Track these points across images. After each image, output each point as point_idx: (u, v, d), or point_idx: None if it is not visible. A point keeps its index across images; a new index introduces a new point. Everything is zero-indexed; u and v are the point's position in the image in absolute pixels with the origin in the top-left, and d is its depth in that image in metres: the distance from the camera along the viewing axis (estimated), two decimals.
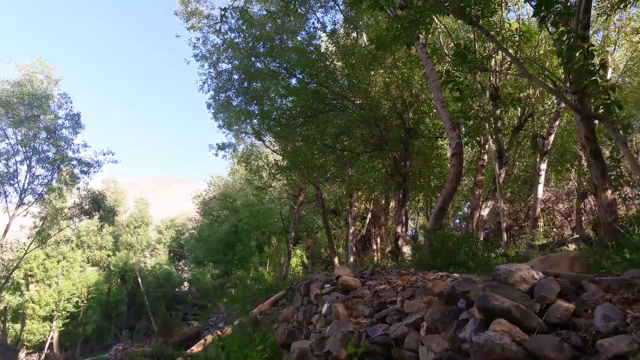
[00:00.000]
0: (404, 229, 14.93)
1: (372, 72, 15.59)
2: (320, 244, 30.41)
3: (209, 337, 10.43)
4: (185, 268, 51.45)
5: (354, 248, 20.60)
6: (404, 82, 15.10)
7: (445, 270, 7.37)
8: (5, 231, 26.59)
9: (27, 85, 26.88)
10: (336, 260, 21.29)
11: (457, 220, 23.57)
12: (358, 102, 15.84)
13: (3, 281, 27.89)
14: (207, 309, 24.12)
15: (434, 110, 14.86)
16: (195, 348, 11.67)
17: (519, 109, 15.81)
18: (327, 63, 16.73)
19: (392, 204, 21.56)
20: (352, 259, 19.29)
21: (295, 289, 8.59)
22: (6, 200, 27.06)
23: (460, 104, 12.29)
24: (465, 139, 14.44)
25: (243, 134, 26.55)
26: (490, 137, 14.24)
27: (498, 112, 14.62)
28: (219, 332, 9.04)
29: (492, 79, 14.66)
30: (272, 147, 26.15)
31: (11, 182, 27.20)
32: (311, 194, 24.07)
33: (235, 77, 19.94)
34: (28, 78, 27.22)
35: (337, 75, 16.97)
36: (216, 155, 26.06)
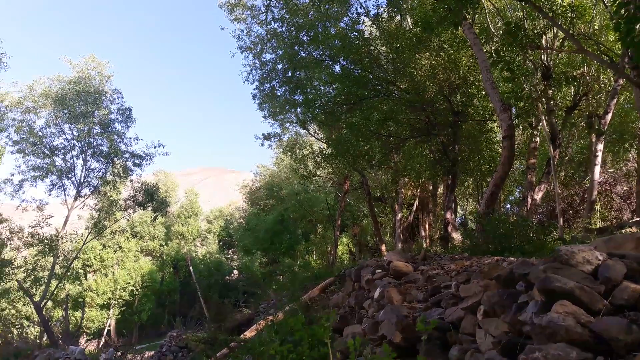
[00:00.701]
0: (453, 215, 14.68)
1: (418, 56, 15.30)
2: (366, 231, 30.37)
3: (262, 322, 10.67)
4: (235, 256, 52.56)
5: (401, 235, 20.45)
6: (450, 64, 14.73)
7: (499, 255, 7.22)
8: (65, 223, 27.85)
9: (82, 82, 27.94)
10: (383, 247, 21.21)
11: (509, 205, 22.98)
12: (403, 86, 15.62)
13: (64, 271, 29.27)
14: (257, 296, 24.63)
15: (483, 92, 14.47)
16: (248, 333, 11.97)
17: (572, 88, 15.18)
18: (371, 48, 16.56)
19: (440, 189, 21.23)
20: (399, 246, 19.18)
21: (346, 275, 8.65)
22: (64, 194, 28.33)
23: (510, 84, 11.92)
24: (517, 121, 14.00)
25: (288, 124, 26.76)
26: (544, 118, 13.75)
27: (550, 92, 14.08)
28: (272, 317, 9.23)
29: (543, 57, 14.12)
30: (316, 135, 26.24)
31: (69, 176, 28.43)
32: (356, 182, 24.03)
33: (279, 66, 20.06)
34: (82, 75, 28.27)
35: (382, 60, 16.77)
36: (262, 145, 26.48)
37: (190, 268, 44.20)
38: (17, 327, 27.30)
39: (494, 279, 4.46)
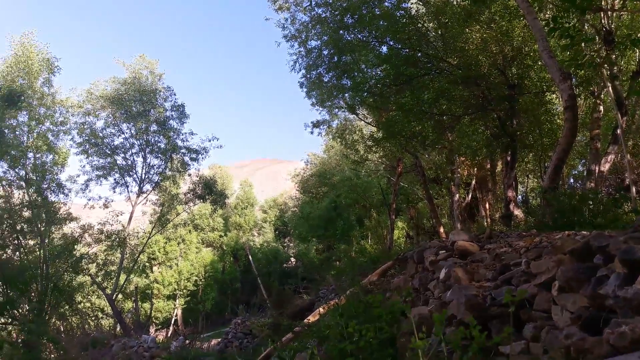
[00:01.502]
0: (514, 193, 14.22)
1: (467, 30, 14.82)
2: (422, 214, 29.97)
3: (325, 307, 10.80)
4: (291, 244, 53.39)
5: (459, 216, 20.05)
6: (503, 36, 14.18)
7: (568, 230, 6.94)
8: (130, 219, 29.19)
9: (135, 82, 29.01)
10: (441, 229, 20.89)
11: (572, 180, 21.99)
12: (455, 62, 15.19)
13: (131, 265, 30.68)
14: (316, 282, 24.93)
15: (540, 63, 13.86)
16: (312, 318, 12.13)
17: (637, 51, 14.25)
18: (419, 26, 16.18)
19: (498, 167, 20.61)
20: (458, 227, 18.81)
21: (407, 257, 8.59)
22: (127, 191, 29.67)
23: (568, 52, 11.34)
24: (578, 90, 13.32)
25: (336, 110, 26.63)
26: (609, 84, 13.01)
27: (613, 56, 13.28)
28: (336, 301, 9.34)
29: (603, 21, 13.32)
30: (366, 119, 26.03)
31: (130, 173, 29.77)
32: (409, 164, 23.70)
33: (325, 52, 19.97)
34: (135, 75, 29.33)
35: (430, 37, 16.36)
36: (311, 133, 26.48)
37: (250, 257, 45.29)
38: (92, 318, 28.87)
39: (568, 253, 4.30)
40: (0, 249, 23.28)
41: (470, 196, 22.13)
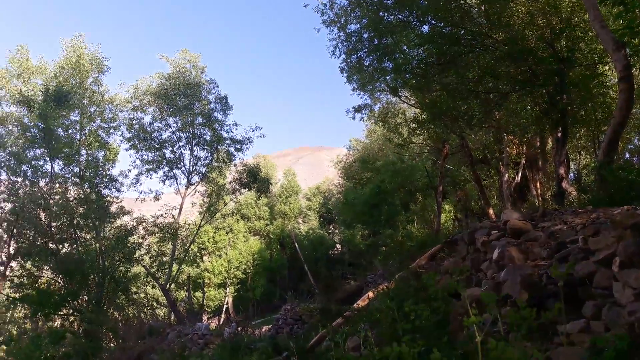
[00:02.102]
0: (566, 170, 13.72)
1: (512, 4, 14.30)
2: (470, 196, 29.37)
3: (374, 291, 10.83)
4: (336, 231, 53.57)
5: (509, 196, 19.54)
6: (550, 8, 13.60)
7: (626, 205, 6.66)
8: (179, 211, 30.05)
9: (180, 76, 29.62)
10: (490, 211, 20.42)
11: (627, 155, 20.97)
12: (500, 38, 14.70)
13: (183, 255, 31.62)
14: (363, 267, 24.96)
15: (590, 33, 13.23)
16: (361, 302, 12.18)
17: None
18: (461, 2, 15.73)
19: (549, 144, 19.90)
20: (509, 207, 18.36)
21: (457, 239, 8.47)
22: (177, 183, 30.51)
23: (621, 20, 10.78)
24: (633, 60, 12.67)
25: (378, 93, 26.32)
26: None
27: None
28: (386, 285, 9.35)
29: None
30: (409, 102, 25.63)
31: (178, 166, 30.59)
32: (455, 145, 23.21)
33: (365, 35, 19.72)
34: (178, 70, 29.94)
35: (473, 13, 15.89)
36: (353, 118, 26.30)
37: (296, 244, 45.81)
38: (147, 308, 29.98)
39: (630, 228, 4.14)
40: (59, 243, 24.54)
41: (520, 176, 21.50)
